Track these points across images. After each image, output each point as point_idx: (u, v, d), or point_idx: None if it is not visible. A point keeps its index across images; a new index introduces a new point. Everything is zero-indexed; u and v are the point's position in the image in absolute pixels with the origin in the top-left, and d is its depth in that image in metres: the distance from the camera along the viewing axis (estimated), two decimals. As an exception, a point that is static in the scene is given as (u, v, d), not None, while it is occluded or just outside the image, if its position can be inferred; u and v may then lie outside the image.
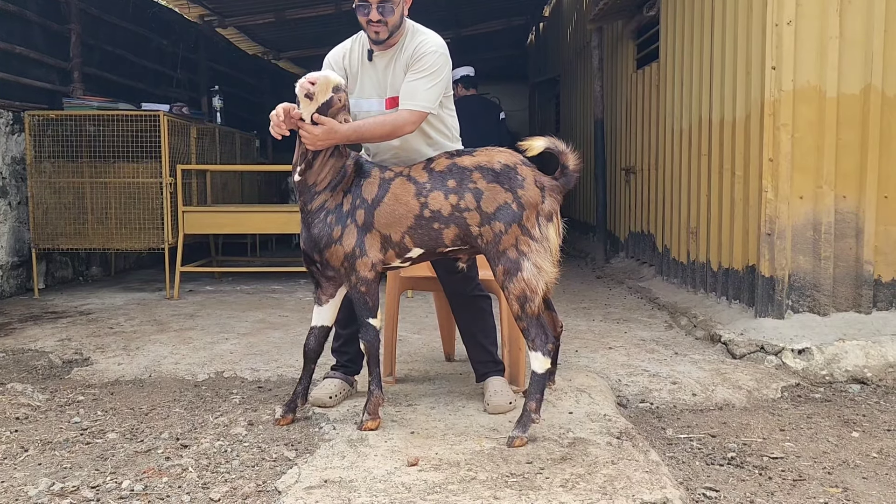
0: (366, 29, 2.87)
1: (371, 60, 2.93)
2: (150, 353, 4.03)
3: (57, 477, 2.42)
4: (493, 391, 2.98)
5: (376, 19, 2.79)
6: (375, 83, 2.95)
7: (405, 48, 2.90)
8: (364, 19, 2.83)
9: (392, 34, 2.85)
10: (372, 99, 2.95)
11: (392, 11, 2.80)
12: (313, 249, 2.79)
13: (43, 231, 5.89)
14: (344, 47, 3.01)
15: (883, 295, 4.11)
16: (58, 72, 6.63)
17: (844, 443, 2.82)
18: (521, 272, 2.65)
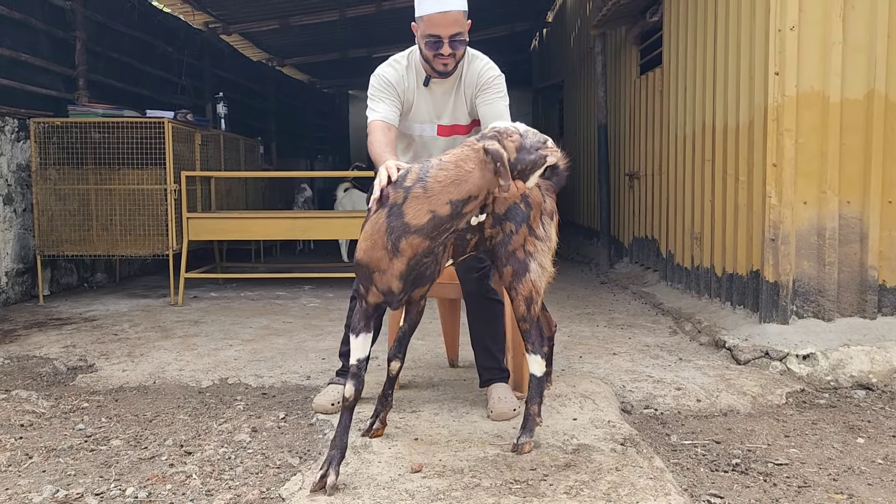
0: (432, 61, 2.78)
1: (427, 86, 2.88)
2: (155, 360, 4.04)
3: (61, 484, 2.42)
4: (497, 398, 2.98)
5: (448, 53, 2.74)
6: (430, 108, 2.91)
7: (465, 74, 2.88)
8: (432, 53, 2.75)
9: (457, 65, 2.83)
10: (425, 124, 2.93)
11: (463, 44, 2.77)
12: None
13: (48, 238, 5.92)
14: (399, 69, 2.88)
15: (888, 300, 4.10)
16: (63, 79, 6.66)
17: (850, 449, 2.81)
18: (528, 273, 2.65)
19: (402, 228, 2.26)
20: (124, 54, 7.66)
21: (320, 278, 6.74)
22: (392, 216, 2.28)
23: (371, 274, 2.36)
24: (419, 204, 2.24)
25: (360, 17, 10.05)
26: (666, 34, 5.92)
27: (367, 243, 2.34)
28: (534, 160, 2.27)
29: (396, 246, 2.28)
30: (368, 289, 2.41)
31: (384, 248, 2.30)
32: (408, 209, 2.25)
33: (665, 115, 5.98)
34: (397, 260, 2.30)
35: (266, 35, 10.79)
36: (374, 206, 2.36)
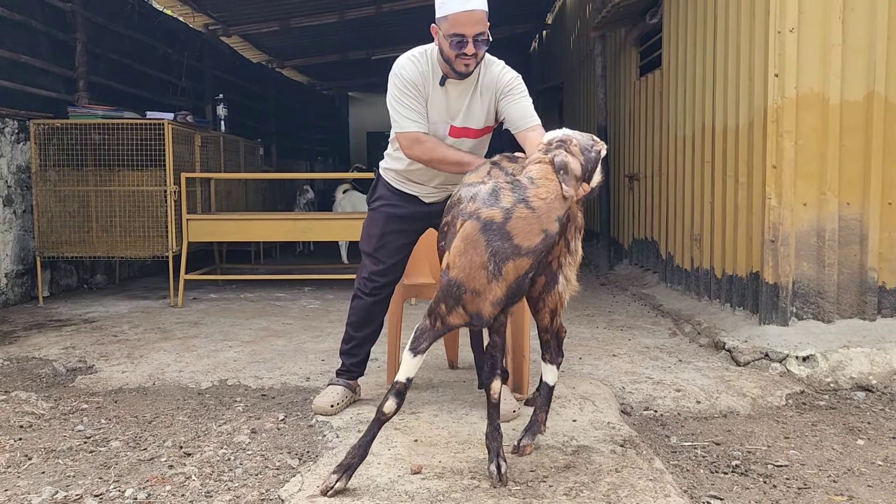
0: (453, 62, 2.75)
1: (443, 86, 2.86)
2: (154, 361, 4.04)
3: (60, 485, 2.42)
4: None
5: (472, 53, 2.72)
6: (443, 109, 2.89)
7: (483, 78, 2.88)
8: (455, 53, 2.72)
9: (477, 65, 2.82)
10: (438, 124, 2.91)
11: (486, 44, 2.76)
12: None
13: (48, 239, 5.91)
14: (419, 65, 2.84)
15: (887, 302, 4.10)
16: (63, 81, 6.67)
17: (849, 450, 2.81)
18: (557, 285, 2.64)
19: (510, 251, 2.12)
20: (124, 56, 7.67)
21: (320, 280, 6.73)
22: (493, 236, 2.12)
23: (462, 295, 2.19)
24: (529, 224, 2.12)
25: (360, 19, 10.06)
26: (665, 36, 5.92)
27: (462, 261, 2.16)
28: (594, 158, 2.30)
29: (500, 269, 2.13)
30: (453, 310, 2.23)
31: (484, 268, 2.14)
32: (515, 230, 2.11)
33: (665, 116, 5.98)
34: (497, 284, 2.16)
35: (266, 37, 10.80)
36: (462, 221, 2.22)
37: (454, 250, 2.18)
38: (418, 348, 2.29)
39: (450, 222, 2.35)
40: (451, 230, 2.30)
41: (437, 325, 2.29)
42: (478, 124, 2.94)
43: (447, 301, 2.22)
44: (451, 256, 2.20)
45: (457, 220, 2.26)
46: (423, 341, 2.30)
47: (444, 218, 2.48)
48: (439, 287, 2.24)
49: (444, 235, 2.41)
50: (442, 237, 2.45)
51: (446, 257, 2.25)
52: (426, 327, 2.31)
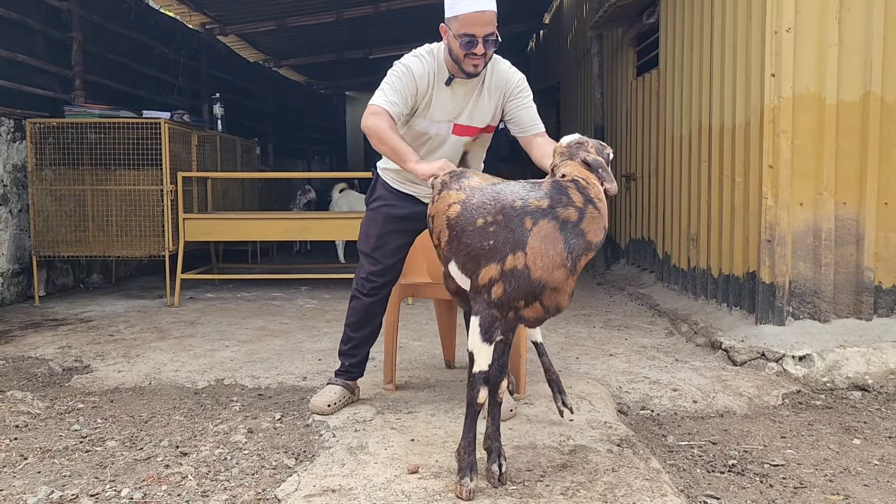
0: (462, 62, 2.75)
1: (448, 85, 2.86)
2: (151, 361, 4.03)
3: (56, 485, 2.41)
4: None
5: (481, 53, 2.72)
6: (448, 108, 2.89)
7: (490, 77, 2.89)
8: (463, 52, 2.72)
9: (485, 66, 2.83)
10: (441, 123, 2.91)
11: (495, 44, 2.75)
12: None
13: (44, 238, 5.90)
14: (426, 65, 2.84)
15: (884, 301, 4.10)
16: (59, 79, 6.65)
17: (846, 450, 2.81)
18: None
19: (584, 247, 2.24)
20: (121, 55, 7.65)
21: (317, 279, 6.73)
22: (569, 234, 2.23)
23: (543, 291, 2.27)
24: (597, 223, 2.25)
25: (358, 18, 10.05)
26: (662, 36, 5.92)
27: (545, 261, 2.23)
28: (606, 158, 2.40)
29: (576, 264, 2.25)
30: (531, 304, 2.30)
31: (563, 265, 2.23)
32: (588, 228, 2.24)
33: (662, 116, 5.99)
34: (572, 278, 2.29)
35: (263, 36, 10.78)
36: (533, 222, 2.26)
37: (535, 251, 2.23)
38: (493, 338, 2.34)
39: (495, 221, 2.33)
40: (504, 228, 2.30)
41: (509, 316, 2.33)
42: (482, 123, 2.94)
43: (525, 297, 2.27)
44: (535, 258, 2.23)
45: (513, 220, 2.28)
46: (495, 333, 2.34)
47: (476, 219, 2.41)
48: (509, 283, 2.27)
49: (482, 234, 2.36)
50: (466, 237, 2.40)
51: (519, 257, 2.26)
52: (496, 317, 2.33)
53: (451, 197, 2.47)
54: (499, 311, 2.31)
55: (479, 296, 2.33)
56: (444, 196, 2.50)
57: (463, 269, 2.40)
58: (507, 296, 2.27)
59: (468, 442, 2.33)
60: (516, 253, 2.24)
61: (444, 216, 2.46)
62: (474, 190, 2.42)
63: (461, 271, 2.42)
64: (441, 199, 2.51)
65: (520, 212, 2.26)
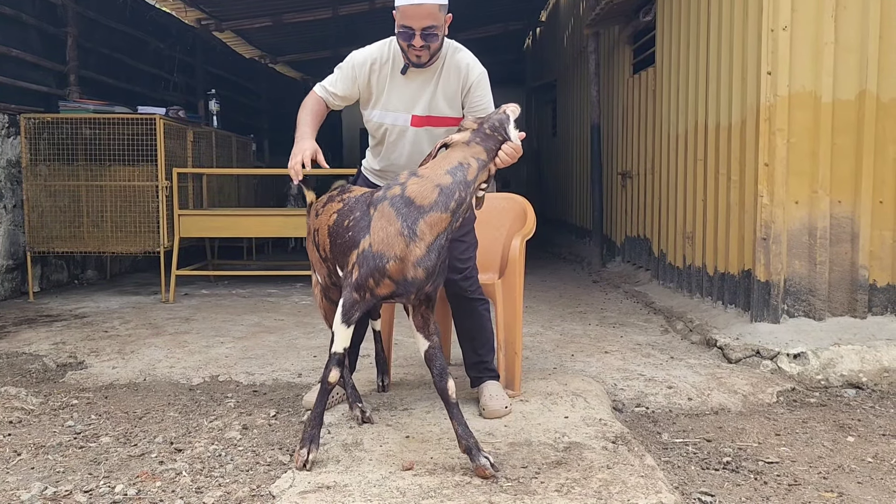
0: (405, 51, 2.80)
1: (404, 74, 2.88)
2: (145, 357, 4.02)
3: (50, 481, 2.41)
4: (489, 395, 2.98)
5: (419, 45, 2.74)
6: (405, 97, 2.90)
7: (447, 66, 2.89)
8: (405, 44, 2.76)
9: (433, 57, 2.83)
10: (399, 113, 2.91)
11: (436, 38, 2.76)
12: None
13: (38, 234, 5.88)
14: (372, 55, 2.90)
15: (878, 300, 4.11)
16: (54, 75, 6.63)
17: (840, 447, 2.82)
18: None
19: (416, 212, 2.43)
20: (116, 50, 7.63)
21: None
22: (399, 206, 2.43)
23: (385, 264, 2.44)
24: (420, 187, 2.45)
25: (354, 15, 10.04)
26: (659, 34, 5.92)
27: (381, 234, 2.43)
28: (498, 119, 2.52)
29: (413, 230, 2.41)
30: (380, 281, 2.48)
31: (399, 234, 2.42)
32: (413, 194, 2.43)
33: (658, 114, 5.99)
34: (415, 245, 2.44)
35: (259, 32, 10.76)
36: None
37: (373, 229, 2.44)
38: (351, 320, 2.47)
39: (356, 218, 2.54)
40: (359, 222, 2.51)
41: (366, 297, 2.46)
42: (444, 112, 2.93)
43: (373, 274, 2.41)
44: (372, 236, 2.43)
45: (363, 212, 2.52)
46: (355, 312, 2.47)
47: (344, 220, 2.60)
48: (361, 265, 2.43)
49: (346, 229, 2.56)
50: (343, 231, 2.58)
51: (366, 240, 2.45)
52: (355, 300, 2.47)
53: (332, 208, 2.69)
54: (356, 292, 2.46)
55: (346, 281, 2.50)
56: (327, 208, 2.71)
57: (342, 268, 2.58)
58: (361, 277, 2.43)
59: (316, 416, 2.49)
60: (364, 237, 2.45)
61: (326, 226, 2.67)
62: (349, 199, 2.64)
63: (342, 271, 2.58)
64: (325, 211, 2.72)
65: (369, 204, 2.51)
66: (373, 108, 2.95)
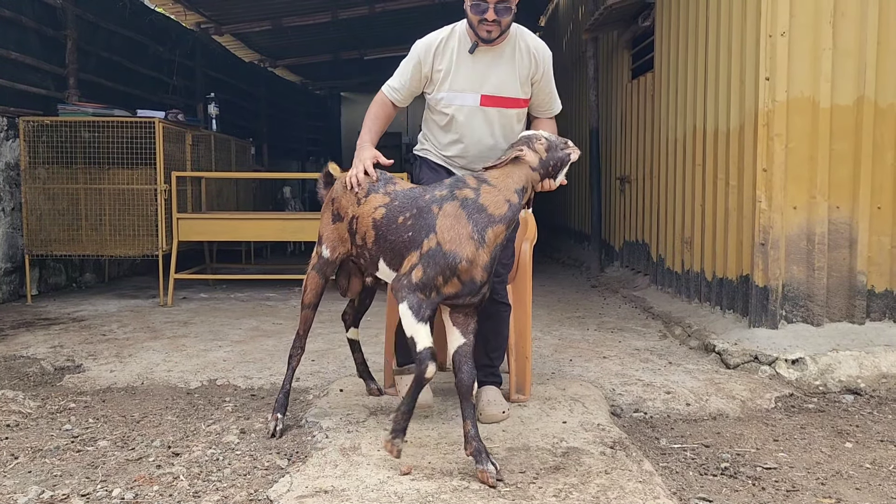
0: (476, 27, 2.81)
1: (472, 53, 2.88)
2: (143, 361, 4.01)
3: (47, 485, 2.40)
4: (487, 400, 2.98)
5: (492, 19, 2.76)
6: (473, 77, 2.89)
7: (518, 47, 2.91)
8: (477, 17, 2.78)
9: (502, 34, 2.85)
10: (466, 93, 2.90)
11: (509, 12, 2.79)
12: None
13: (36, 237, 5.88)
14: (437, 37, 2.93)
15: (876, 305, 4.12)
16: (53, 78, 6.63)
17: (838, 453, 2.82)
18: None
19: (487, 220, 2.53)
20: (115, 53, 7.63)
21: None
22: (471, 210, 2.51)
23: (457, 264, 2.51)
24: (494, 197, 2.55)
25: (353, 19, 10.05)
26: (658, 39, 5.93)
27: (452, 234, 2.50)
28: (560, 157, 2.62)
29: (483, 236, 2.50)
30: (449, 280, 2.54)
31: (471, 238, 2.51)
32: (486, 202, 2.53)
33: (656, 119, 6.00)
34: (483, 251, 2.53)
35: (258, 36, 10.77)
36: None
37: (440, 228, 2.50)
38: (425, 317, 2.50)
39: (415, 214, 2.59)
40: (418, 221, 2.56)
41: (432, 296, 2.50)
42: (514, 92, 2.93)
43: (443, 272, 2.46)
44: (440, 235, 2.49)
45: (424, 210, 2.56)
46: (426, 310, 2.50)
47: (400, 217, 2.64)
48: (428, 264, 2.48)
49: (404, 227, 2.60)
50: (403, 229, 2.60)
51: (431, 239, 2.50)
52: (426, 300, 2.50)
53: (377, 200, 2.71)
54: (421, 292, 2.49)
55: (401, 283, 2.52)
56: (370, 199, 2.73)
57: (390, 265, 2.63)
58: (427, 276, 2.47)
59: (408, 408, 2.49)
60: (429, 236, 2.51)
61: (371, 218, 2.69)
62: (397, 194, 2.69)
63: (388, 267, 2.65)
64: (367, 202, 2.73)
65: (428, 202, 2.57)
66: (439, 89, 2.94)
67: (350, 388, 3.42)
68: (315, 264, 2.93)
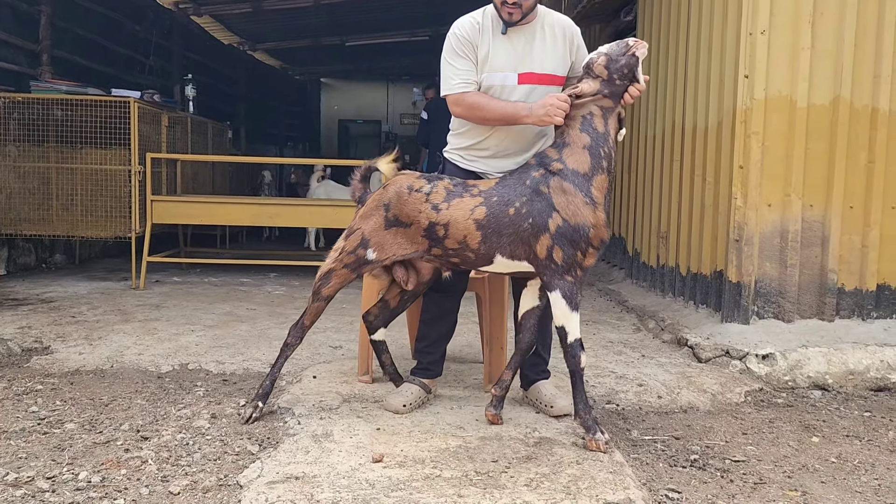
0: (499, 8, 2.83)
1: (505, 34, 2.87)
2: (113, 344, 3.96)
3: (11, 467, 2.36)
4: (552, 394, 2.99)
5: (512, 1, 2.77)
6: (511, 57, 2.88)
7: (549, 24, 2.92)
8: (499, 0, 2.80)
9: (525, 16, 2.84)
10: (507, 73, 2.88)
11: None
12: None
13: (6, 216, 5.76)
14: (474, 20, 2.91)
15: (845, 303, 4.18)
16: (26, 54, 6.49)
17: (804, 447, 2.86)
18: None
19: (583, 179, 2.65)
20: (91, 31, 7.49)
21: (286, 266, 6.66)
22: (568, 177, 2.63)
23: (588, 233, 2.61)
24: (574, 155, 2.68)
25: (335, 4, 9.95)
26: (639, 34, 5.94)
27: (573, 208, 2.58)
28: (625, 63, 2.67)
29: (590, 196, 2.63)
30: (587, 251, 2.62)
31: (584, 203, 2.62)
32: (570, 162, 2.66)
33: (636, 114, 6.02)
34: (599, 210, 2.64)
35: (238, 18, 10.62)
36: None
37: (559, 205, 2.57)
38: (578, 304, 2.62)
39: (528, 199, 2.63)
40: (534, 206, 2.61)
41: (578, 274, 2.61)
42: (550, 69, 2.91)
43: (579, 246, 2.56)
44: (561, 212, 2.57)
45: (533, 195, 2.61)
46: (577, 295, 2.60)
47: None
48: (562, 243, 2.56)
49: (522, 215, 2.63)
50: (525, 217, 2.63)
51: (555, 218, 2.57)
52: (575, 282, 2.60)
53: (468, 203, 2.67)
54: (569, 275, 2.59)
55: (548, 270, 2.59)
56: (456, 204, 2.67)
57: (513, 255, 2.64)
58: (567, 255, 2.56)
59: (585, 404, 2.64)
60: (553, 215, 2.57)
61: (471, 220, 2.64)
62: (488, 191, 2.68)
63: (512, 258, 2.66)
64: (454, 207, 2.67)
65: (534, 186, 2.62)
66: (480, 70, 2.90)
67: (323, 375, 3.41)
68: (348, 263, 2.81)
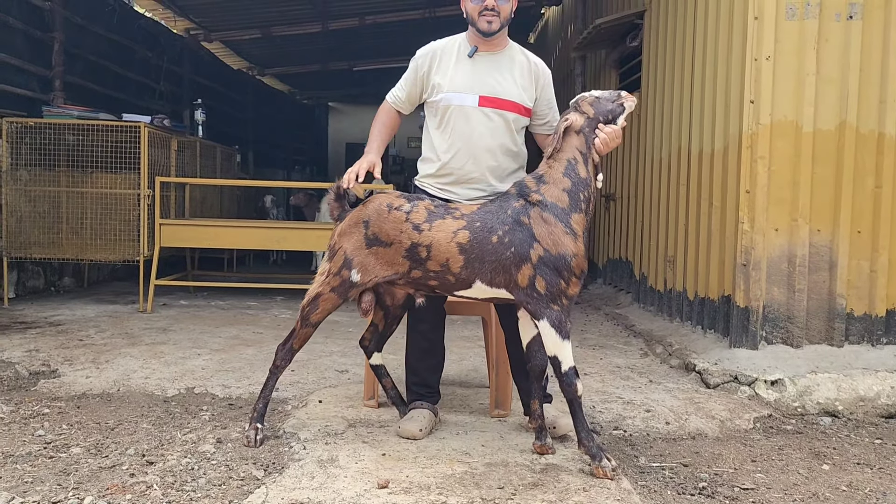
0: (475, 19, 2.88)
1: (471, 57, 2.93)
2: (120, 367, 3.96)
3: (17, 491, 2.36)
4: (554, 416, 3.00)
5: (491, 6, 2.83)
6: (472, 78, 2.93)
7: (517, 58, 3.00)
8: (477, 7, 2.86)
9: (502, 28, 2.91)
10: (465, 93, 2.91)
11: (507, 2, 2.88)
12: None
13: (16, 239, 5.81)
14: (436, 44, 3.02)
15: (855, 328, 4.15)
16: (39, 79, 6.58)
17: (815, 475, 2.83)
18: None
19: (562, 211, 2.67)
20: (102, 57, 7.59)
21: (293, 289, 6.67)
22: (547, 209, 2.66)
23: (569, 262, 2.61)
24: (551, 188, 2.72)
25: (343, 30, 10.08)
26: (645, 59, 5.99)
27: (553, 238, 2.60)
28: (610, 109, 2.75)
29: (569, 227, 2.65)
30: (570, 280, 2.62)
31: (564, 233, 2.64)
32: (548, 194, 2.69)
33: (642, 138, 6.04)
34: (579, 241, 2.66)
35: (248, 44, 10.78)
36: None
37: (539, 235, 2.59)
38: (569, 333, 2.61)
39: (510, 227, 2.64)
40: (515, 235, 2.62)
41: (564, 303, 2.60)
42: (515, 97, 2.95)
43: (562, 275, 2.57)
44: (542, 242, 2.58)
45: (514, 225, 2.63)
46: (566, 324, 2.60)
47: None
48: (543, 272, 2.57)
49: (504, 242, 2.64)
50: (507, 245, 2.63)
51: (536, 248, 2.58)
52: (562, 311, 2.60)
53: (451, 225, 2.65)
54: (555, 303, 2.57)
55: (531, 299, 2.58)
56: (439, 225, 2.66)
57: (492, 283, 2.62)
58: (551, 283, 2.56)
59: (587, 432, 2.61)
60: (534, 245, 2.58)
61: (454, 244, 2.63)
62: (471, 216, 2.67)
63: (490, 286, 2.64)
64: (437, 228, 2.66)
65: (515, 216, 2.63)
66: (438, 92, 2.95)
67: (329, 400, 3.40)
68: (335, 286, 2.77)
